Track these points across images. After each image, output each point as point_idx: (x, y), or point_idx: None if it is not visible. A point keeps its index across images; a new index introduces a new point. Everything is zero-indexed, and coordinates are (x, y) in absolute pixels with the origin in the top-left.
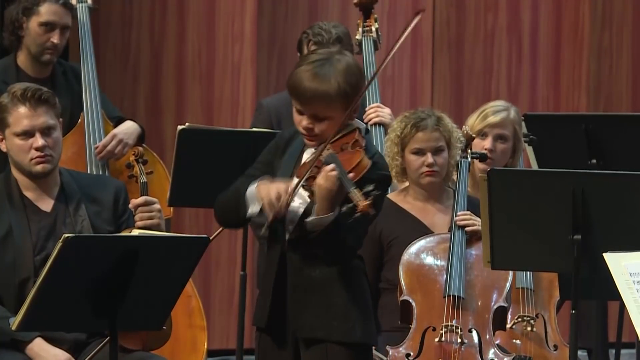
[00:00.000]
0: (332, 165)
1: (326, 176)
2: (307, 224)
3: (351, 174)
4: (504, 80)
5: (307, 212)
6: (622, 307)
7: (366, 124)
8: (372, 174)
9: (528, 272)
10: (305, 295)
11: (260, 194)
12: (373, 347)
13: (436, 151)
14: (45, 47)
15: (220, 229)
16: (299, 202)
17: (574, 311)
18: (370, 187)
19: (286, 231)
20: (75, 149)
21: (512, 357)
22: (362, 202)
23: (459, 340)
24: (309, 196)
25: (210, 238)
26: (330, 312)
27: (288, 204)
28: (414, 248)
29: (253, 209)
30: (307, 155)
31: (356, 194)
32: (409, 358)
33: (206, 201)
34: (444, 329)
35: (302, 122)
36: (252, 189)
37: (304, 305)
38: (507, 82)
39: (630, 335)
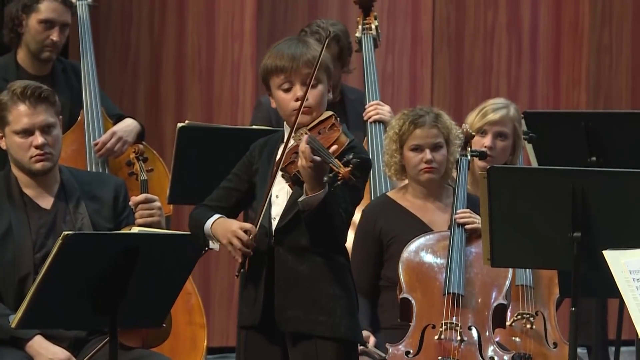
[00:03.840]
0: (303, 142)
1: (303, 156)
2: (300, 204)
3: (331, 150)
4: (503, 78)
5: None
6: (622, 304)
7: (366, 121)
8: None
9: (528, 270)
10: (291, 289)
11: (217, 235)
12: (370, 346)
13: (434, 147)
14: (44, 45)
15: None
16: (279, 188)
17: (573, 308)
18: (350, 156)
19: (272, 223)
20: (75, 147)
21: (511, 355)
22: (342, 169)
23: (459, 337)
24: (289, 185)
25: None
26: (316, 307)
27: (254, 243)
28: (413, 246)
29: (213, 245)
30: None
31: (336, 163)
32: (409, 356)
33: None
34: (443, 327)
35: (295, 93)
36: (207, 226)
37: (290, 300)
38: (507, 80)
39: (630, 332)
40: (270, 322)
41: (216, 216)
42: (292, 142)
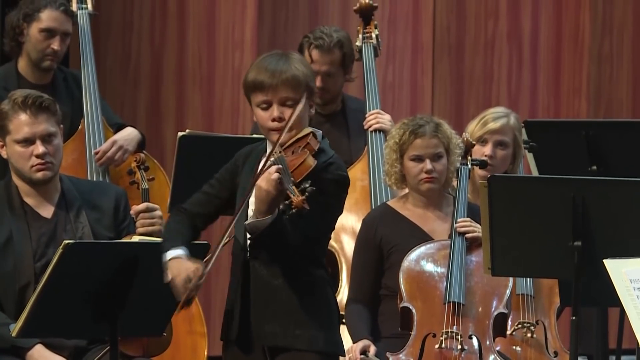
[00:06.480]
0: (273, 167)
1: (267, 178)
2: (246, 227)
3: (294, 174)
4: (504, 87)
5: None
6: (623, 313)
7: (366, 130)
8: (328, 174)
9: (528, 279)
10: (268, 304)
11: (172, 271)
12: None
13: (435, 157)
14: (45, 54)
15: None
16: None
17: (574, 317)
18: (306, 184)
19: (247, 237)
20: (76, 156)
21: None
22: (296, 198)
23: (459, 346)
24: None
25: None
26: (293, 321)
27: (198, 286)
28: (414, 255)
29: (165, 277)
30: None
31: (293, 190)
32: None
33: None
34: (444, 336)
35: (272, 113)
36: (166, 257)
37: (268, 314)
38: (507, 89)
39: (630, 341)
40: (245, 336)
41: (178, 252)
42: (270, 161)
